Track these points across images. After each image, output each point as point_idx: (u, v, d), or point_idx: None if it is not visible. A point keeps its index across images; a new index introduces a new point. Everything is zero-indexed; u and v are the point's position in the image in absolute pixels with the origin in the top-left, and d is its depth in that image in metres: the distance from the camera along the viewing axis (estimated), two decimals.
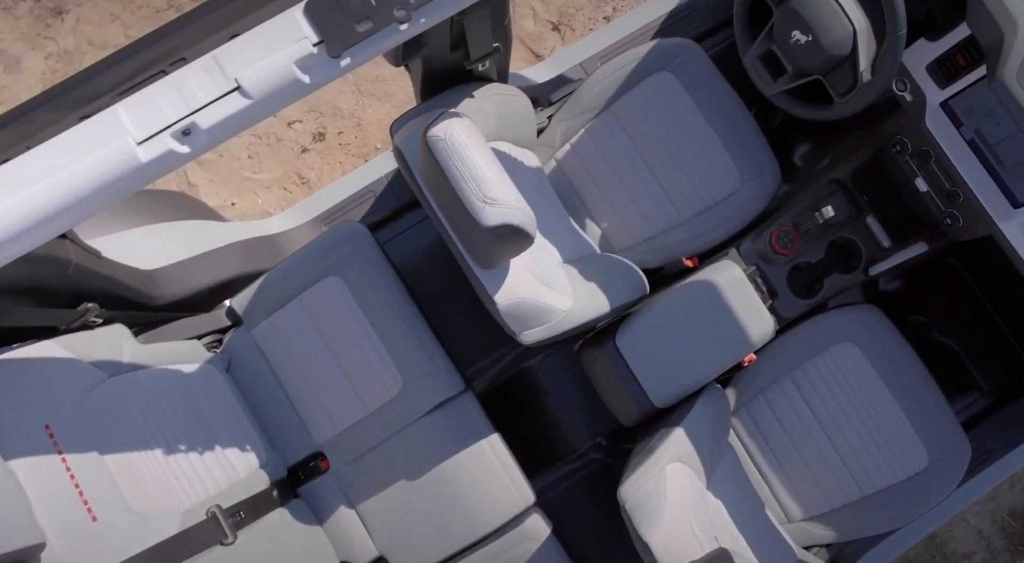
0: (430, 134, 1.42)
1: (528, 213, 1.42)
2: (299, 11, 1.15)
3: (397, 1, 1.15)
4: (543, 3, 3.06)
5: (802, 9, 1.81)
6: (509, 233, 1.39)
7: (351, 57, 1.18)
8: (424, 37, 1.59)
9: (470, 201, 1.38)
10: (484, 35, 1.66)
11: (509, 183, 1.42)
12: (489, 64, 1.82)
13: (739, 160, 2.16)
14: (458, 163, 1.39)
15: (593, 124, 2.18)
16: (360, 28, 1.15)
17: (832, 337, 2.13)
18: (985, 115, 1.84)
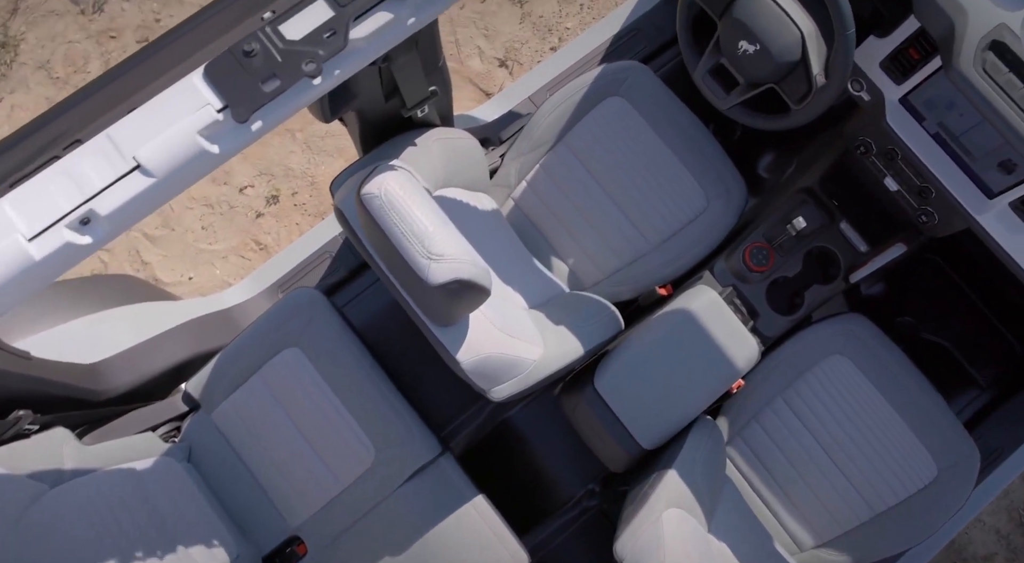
0: (364, 192, 1.31)
1: (479, 265, 1.30)
2: (198, 76, 1.04)
3: (304, 55, 1.04)
4: (487, 41, 2.98)
5: (746, 18, 1.72)
6: (460, 289, 1.28)
7: (262, 120, 1.07)
8: (353, 88, 1.49)
9: (414, 259, 1.26)
10: (417, 81, 1.56)
11: (455, 235, 1.31)
12: (429, 109, 1.72)
13: (702, 179, 2.06)
14: (397, 220, 1.27)
15: (547, 159, 2.08)
16: (267, 88, 1.04)
17: (820, 351, 2.02)
18: (947, 107, 1.75)
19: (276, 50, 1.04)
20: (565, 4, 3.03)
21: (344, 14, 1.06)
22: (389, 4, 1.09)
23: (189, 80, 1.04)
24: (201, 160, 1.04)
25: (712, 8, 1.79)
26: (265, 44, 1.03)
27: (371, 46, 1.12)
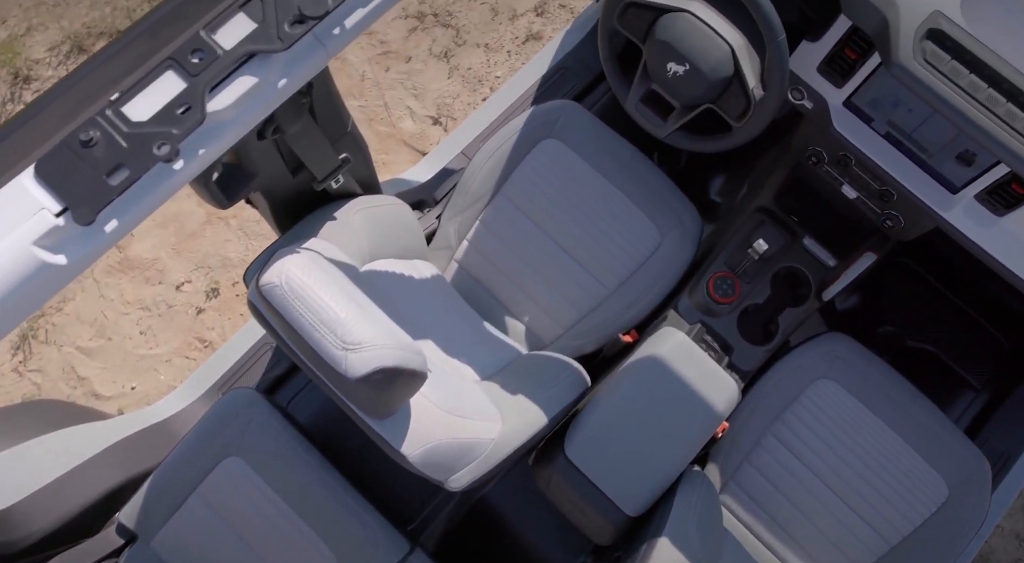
0: (262, 283, 1.13)
1: (406, 346, 1.12)
2: (29, 177, 0.87)
3: (155, 136, 0.87)
4: (417, 100, 2.84)
5: (670, 39, 1.58)
6: (387, 378, 1.09)
7: (117, 219, 0.89)
8: (250, 166, 1.32)
9: (328, 352, 1.08)
10: (322, 150, 1.40)
11: (375, 316, 1.13)
12: (345, 178, 1.56)
13: (652, 213, 1.91)
14: (302, 310, 1.09)
15: (486, 213, 1.92)
16: (114, 180, 0.86)
17: (804, 378, 1.85)
18: (893, 105, 1.62)
19: (120, 135, 0.87)
20: (492, 53, 2.91)
21: (197, 84, 0.90)
22: (251, 67, 0.93)
23: (18, 182, 0.86)
24: (45, 275, 0.86)
25: (633, 33, 1.66)
26: (106, 130, 0.86)
27: (240, 117, 0.95)
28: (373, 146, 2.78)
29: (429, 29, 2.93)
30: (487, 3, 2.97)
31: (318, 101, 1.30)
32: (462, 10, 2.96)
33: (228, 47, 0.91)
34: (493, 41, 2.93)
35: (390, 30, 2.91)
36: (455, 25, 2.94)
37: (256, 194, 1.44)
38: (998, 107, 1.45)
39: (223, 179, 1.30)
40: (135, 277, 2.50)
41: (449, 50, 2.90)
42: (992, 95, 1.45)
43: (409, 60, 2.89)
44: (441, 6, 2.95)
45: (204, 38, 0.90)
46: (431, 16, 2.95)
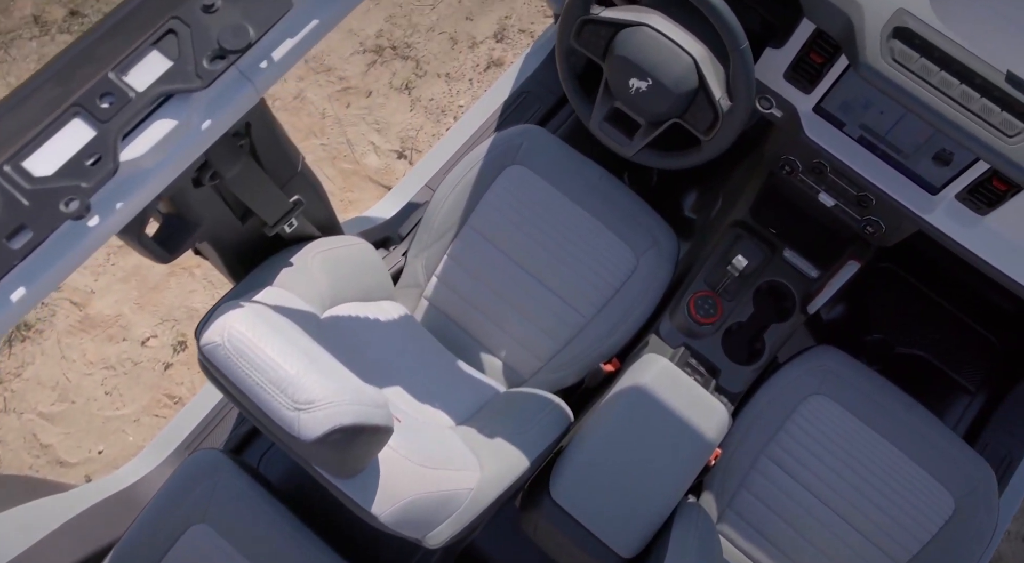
0: (203, 343, 1.03)
1: (366, 400, 1.02)
2: None
3: (62, 192, 0.78)
4: (380, 135, 2.76)
5: (630, 54, 1.51)
6: (345, 437, 0.99)
7: (24, 286, 0.80)
8: (191, 216, 1.22)
9: (279, 414, 0.98)
10: (269, 194, 1.30)
11: (330, 370, 1.03)
12: (300, 221, 1.46)
13: (626, 235, 1.83)
14: (248, 370, 0.99)
15: (454, 247, 1.83)
16: (16, 243, 0.77)
17: (795, 396, 1.76)
18: (864, 107, 1.55)
19: (21, 193, 0.77)
20: (453, 82, 2.84)
21: (108, 131, 0.80)
22: (169, 109, 0.84)
23: None
24: None
25: (592, 51, 1.59)
26: (4, 188, 0.77)
27: (162, 165, 0.86)
28: (338, 184, 2.69)
29: (388, 62, 2.86)
30: (445, 33, 2.91)
31: (259, 142, 1.21)
32: (420, 41, 2.89)
33: (141, 88, 0.82)
34: (454, 70, 2.87)
35: (348, 66, 2.84)
36: (414, 57, 2.87)
37: (204, 244, 1.34)
38: (972, 103, 1.38)
39: (163, 231, 1.21)
40: (97, 335, 2.38)
41: (410, 82, 2.83)
42: (965, 91, 1.39)
43: (370, 95, 2.82)
44: (399, 38, 2.89)
45: (113, 80, 0.82)
46: (389, 49, 2.88)
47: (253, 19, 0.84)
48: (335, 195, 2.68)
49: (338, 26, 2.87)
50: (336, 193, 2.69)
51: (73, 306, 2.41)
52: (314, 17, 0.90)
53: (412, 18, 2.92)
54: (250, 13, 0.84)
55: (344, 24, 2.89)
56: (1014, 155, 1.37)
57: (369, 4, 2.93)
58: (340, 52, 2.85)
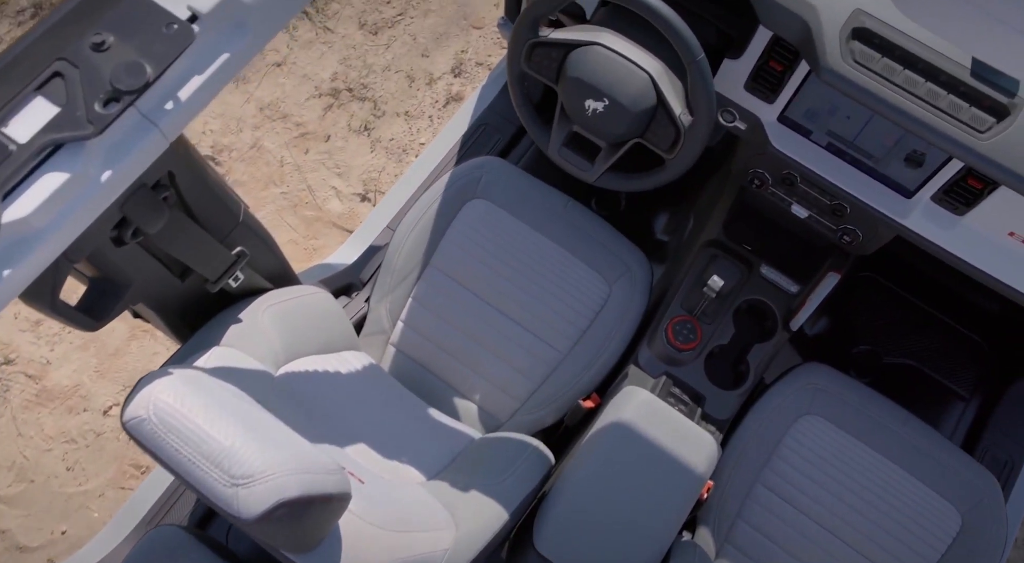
0: (126, 419, 0.92)
1: (313, 467, 0.91)
2: None
3: None
4: (342, 179, 2.67)
5: (583, 75, 1.44)
6: (293, 511, 0.88)
7: None
8: (119, 277, 1.12)
9: (216, 492, 0.87)
10: (206, 248, 1.20)
11: (273, 437, 0.93)
12: (247, 274, 1.36)
13: (596, 263, 1.74)
14: (179, 445, 0.89)
15: (418, 289, 1.73)
16: None
17: (786, 418, 1.67)
18: (830, 113, 1.48)
19: None
20: (413, 120, 2.77)
21: None
22: (59, 161, 0.74)
23: None
24: None
25: (544, 74, 1.51)
26: None
27: (55, 224, 0.76)
28: (301, 232, 2.59)
29: (345, 105, 2.78)
30: (401, 71, 2.84)
31: (189, 192, 1.12)
32: (377, 81, 2.82)
33: (24, 140, 0.72)
34: (413, 108, 2.79)
35: (305, 111, 2.75)
36: (372, 97, 2.79)
37: (141, 305, 1.23)
38: (940, 100, 1.32)
39: (89, 296, 1.10)
40: (56, 408, 2.25)
41: (368, 123, 2.75)
42: (932, 89, 1.32)
43: (328, 139, 2.73)
44: (355, 80, 2.81)
45: None
46: (346, 91, 2.80)
47: (150, 55, 0.75)
48: (299, 243, 2.58)
49: (291, 72, 2.80)
50: (300, 241, 2.59)
51: (28, 379, 2.28)
52: (223, 51, 0.81)
53: (367, 59, 2.85)
54: (147, 49, 0.75)
55: (297, 69, 2.81)
56: (987, 151, 1.30)
57: (322, 48, 2.86)
58: (295, 98, 2.77)
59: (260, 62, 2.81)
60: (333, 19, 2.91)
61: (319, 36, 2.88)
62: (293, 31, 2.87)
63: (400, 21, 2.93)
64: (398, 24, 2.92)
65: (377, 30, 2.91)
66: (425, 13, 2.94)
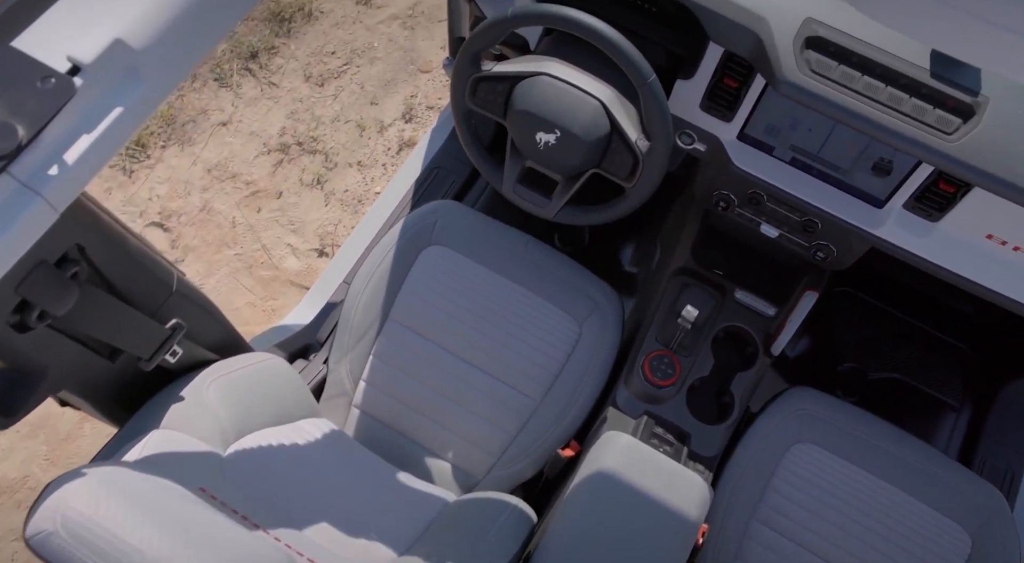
0: (29, 535, 0.80)
1: None
2: None
3: None
4: (297, 235, 2.56)
5: (531, 107, 1.35)
6: None
7: None
8: (30, 367, 1.00)
9: None
10: (133, 325, 1.08)
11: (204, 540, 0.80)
12: (184, 348, 1.24)
13: (563, 302, 1.64)
14: (93, 560, 0.76)
15: (379, 345, 1.62)
16: None
17: (777, 448, 1.56)
18: (791, 127, 1.41)
19: None
20: (366, 170, 2.67)
21: None
22: None
23: None
24: None
25: (491, 110, 1.43)
26: None
27: None
28: (258, 293, 2.47)
29: (296, 159, 2.68)
30: (351, 121, 2.75)
31: (106, 265, 1.00)
32: (327, 133, 2.73)
33: None
34: (366, 157, 2.70)
35: (254, 169, 2.65)
36: (322, 150, 2.70)
37: (65, 392, 1.11)
38: (903, 105, 1.25)
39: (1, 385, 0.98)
40: (4, 503, 2.09)
41: (321, 176, 2.65)
42: (893, 93, 1.26)
43: (280, 195, 2.63)
44: (304, 133, 2.72)
45: None
46: (295, 146, 2.71)
47: (22, 114, 0.64)
48: (257, 306, 2.46)
49: (238, 130, 2.70)
50: (258, 303, 2.46)
51: None
52: (115, 105, 0.71)
53: (314, 111, 2.77)
54: (18, 107, 0.64)
55: (244, 127, 2.71)
56: (957, 153, 1.23)
57: (269, 104, 2.77)
58: (243, 156, 2.67)
59: (205, 122, 2.72)
60: (277, 74, 2.83)
61: (264, 92, 2.79)
62: (237, 89, 2.78)
63: (346, 71, 2.85)
64: (344, 74, 2.85)
65: (323, 82, 2.83)
66: (371, 61, 2.87)
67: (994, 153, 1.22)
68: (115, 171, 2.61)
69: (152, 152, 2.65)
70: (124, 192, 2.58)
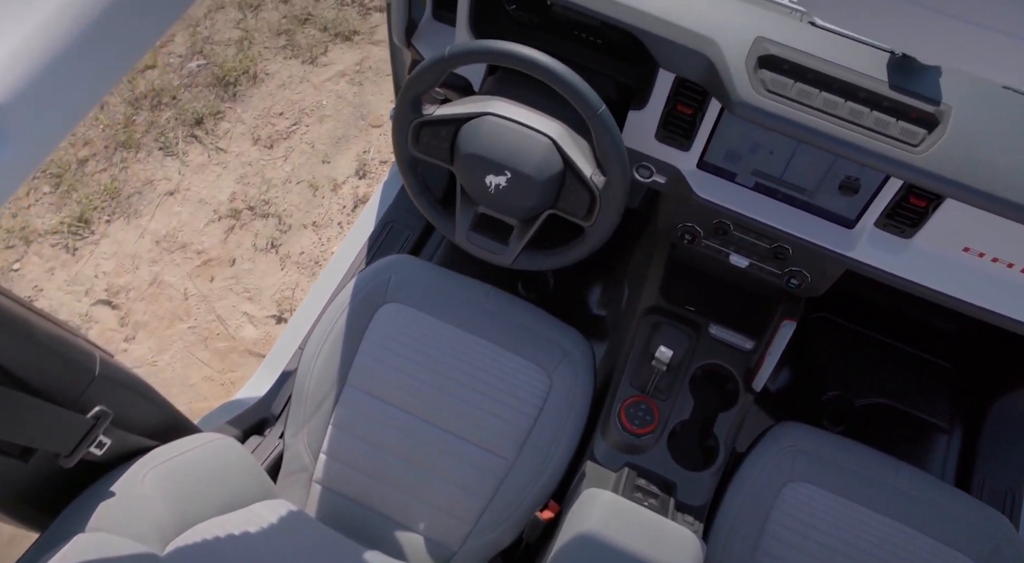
0: None
1: None
2: None
3: None
4: (253, 303, 2.44)
5: (478, 149, 1.27)
6: None
7: None
8: None
9: None
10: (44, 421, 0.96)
11: None
12: (113, 438, 1.11)
13: (530, 353, 1.53)
14: None
15: (338, 414, 1.49)
16: None
17: (769, 490, 1.46)
18: (751, 151, 1.33)
19: None
20: (322, 230, 2.57)
21: None
22: None
23: None
24: None
25: (436, 156, 1.34)
26: None
27: None
28: (215, 367, 2.34)
29: (248, 224, 2.58)
30: (303, 181, 2.66)
31: (6, 355, 0.88)
32: (278, 195, 2.63)
33: None
34: (320, 217, 2.60)
35: (205, 237, 2.54)
36: (275, 213, 2.60)
37: None
38: (864, 118, 1.18)
39: None
40: None
41: (275, 240, 2.55)
42: (854, 108, 1.19)
43: (234, 263, 2.51)
44: (255, 197, 2.62)
45: None
46: (247, 211, 2.60)
47: None
48: (214, 379, 2.32)
49: (186, 199, 2.59)
50: (215, 376, 2.33)
51: None
52: None
53: (265, 174, 2.67)
54: None
55: (192, 195, 2.61)
56: (926, 164, 1.16)
57: (217, 169, 2.67)
58: (193, 225, 2.56)
59: (151, 193, 2.61)
60: (224, 139, 2.74)
61: (212, 158, 2.69)
62: (184, 157, 2.68)
63: (295, 131, 2.77)
64: (293, 134, 2.76)
65: (272, 143, 2.74)
66: (320, 119, 2.79)
67: (962, 162, 1.15)
68: (57, 250, 2.48)
69: (96, 227, 2.53)
70: (67, 271, 2.45)
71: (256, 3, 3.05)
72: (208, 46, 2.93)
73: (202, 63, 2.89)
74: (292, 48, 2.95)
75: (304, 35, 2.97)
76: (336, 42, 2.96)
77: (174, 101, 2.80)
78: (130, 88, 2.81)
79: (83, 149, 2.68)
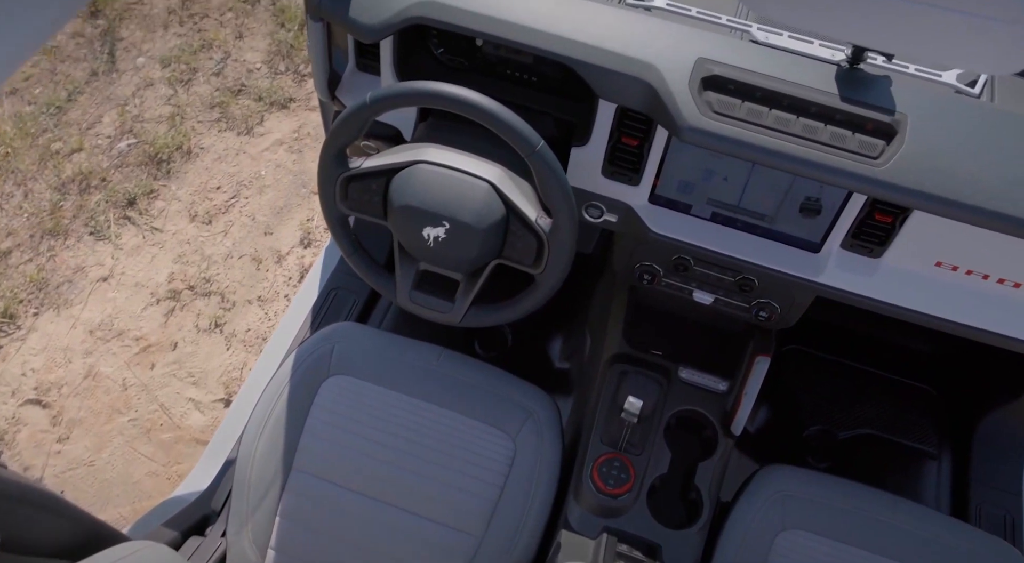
0: None
1: None
2: None
3: None
4: (199, 387, 2.27)
5: (412, 200, 1.16)
6: None
7: None
8: None
9: None
10: None
11: None
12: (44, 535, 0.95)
13: (491, 417, 1.39)
14: None
15: (285, 503, 1.34)
16: None
17: (762, 543, 1.32)
18: (705, 180, 1.24)
19: None
20: (268, 305, 2.43)
21: None
22: None
23: None
24: None
25: (367, 211, 1.23)
26: None
27: None
28: (160, 460, 2.16)
29: (188, 304, 2.42)
30: (245, 255, 2.52)
31: None
32: (220, 272, 2.49)
33: None
34: (266, 292, 2.46)
35: (143, 322, 2.38)
36: (217, 290, 2.45)
37: None
38: (820, 134, 1.10)
39: None
40: None
41: (219, 319, 2.39)
42: (807, 124, 1.11)
43: (176, 347, 2.35)
44: (195, 276, 2.47)
45: None
46: (187, 291, 2.45)
47: None
48: (160, 474, 2.13)
49: (121, 284, 2.44)
50: (161, 471, 2.14)
51: None
52: None
53: (204, 251, 2.53)
54: None
55: (127, 279, 2.45)
56: (888, 176, 1.08)
57: (153, 250, 2.53)
58: (130, 311, 2.40)
59: (83, 281, 2.45)
60: (160, 218, 2.60)
61: (147, 239, 2.55)
62: (116, 240, 2.53)
63: (234, 204, 2.65)
64: (232, 208, 2.64)
65: (211, 219, 2.61)
66: (260, 190, 2.67)
67: (926, 172, 1.07)
68: None
69: (22, 321, 2.36)
70: None
71: (187, 78, 2.95)
72: (138, 124, 2.81)
73: (132, 142, 2.77)
74: (227, 120, 2.84)
75: (238, 106, 2.87)
76: (272, 111, 2.87)
77: (104, 183, 2.66)
78: (55, 173, 2.67)
79: (6, 240, 2.52)
